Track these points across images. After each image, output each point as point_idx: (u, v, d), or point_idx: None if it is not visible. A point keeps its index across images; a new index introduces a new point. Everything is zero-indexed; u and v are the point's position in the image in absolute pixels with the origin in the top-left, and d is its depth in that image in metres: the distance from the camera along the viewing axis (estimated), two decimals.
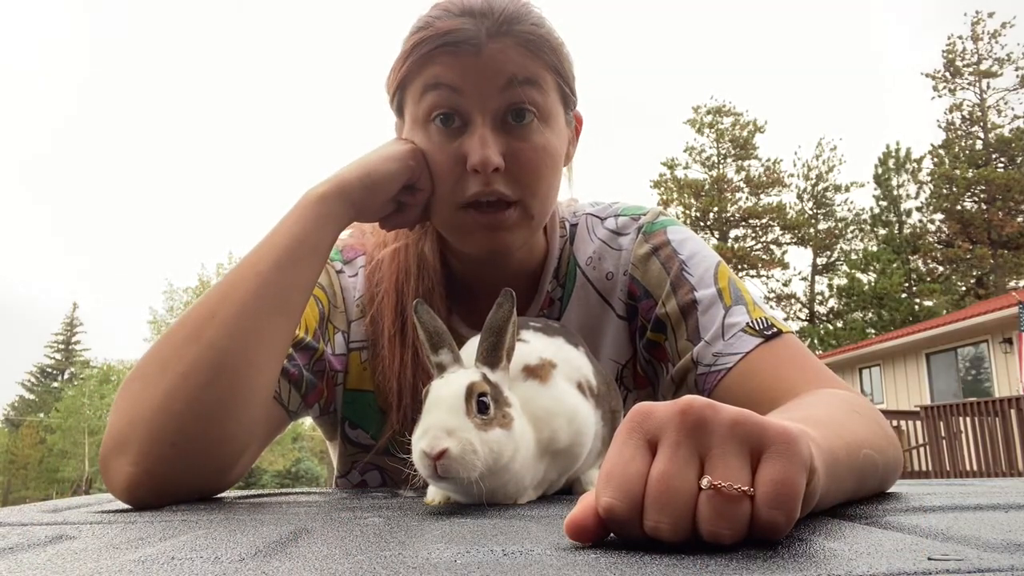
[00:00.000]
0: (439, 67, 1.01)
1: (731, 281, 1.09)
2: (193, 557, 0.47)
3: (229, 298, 0.91)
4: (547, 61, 1.04)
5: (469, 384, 0.73)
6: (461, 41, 0.99)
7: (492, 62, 1.00)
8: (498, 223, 1.04)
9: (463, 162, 1.01)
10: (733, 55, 64.72)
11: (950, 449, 9.81)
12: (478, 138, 1.00)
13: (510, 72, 1.01)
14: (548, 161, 1.06)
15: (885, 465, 0.78)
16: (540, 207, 1.08)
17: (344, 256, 1.21)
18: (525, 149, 1.03)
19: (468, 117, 1.02)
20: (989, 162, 28.62)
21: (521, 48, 1.02)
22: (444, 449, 0.69)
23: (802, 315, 31.47)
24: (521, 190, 1.04)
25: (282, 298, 0.93)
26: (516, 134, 1.03)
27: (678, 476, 0.46)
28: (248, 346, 0.89)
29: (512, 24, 1.01)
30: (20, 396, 44.95)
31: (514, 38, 1.01)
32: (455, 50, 1.00)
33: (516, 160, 1.02)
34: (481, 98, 1.01)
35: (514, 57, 1.01)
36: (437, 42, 1.00)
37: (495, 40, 1.00)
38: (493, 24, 1.00)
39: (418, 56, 1.02)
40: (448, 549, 0.48)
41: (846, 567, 0.40)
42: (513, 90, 1.01)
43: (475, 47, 1.00)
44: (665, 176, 31.88)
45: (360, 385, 1.16)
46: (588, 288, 1.20)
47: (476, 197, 1.02)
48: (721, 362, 1.01)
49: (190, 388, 0.85)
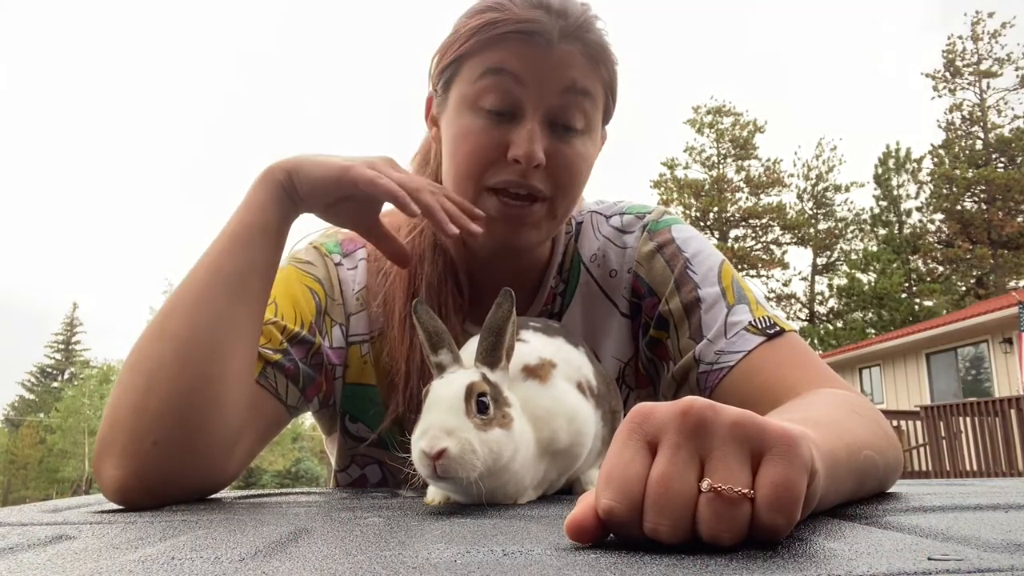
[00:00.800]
0: (506, 53, 1.01)
1: (734, 280, 1.09)
2: (193, 557, 0.47)
3: (186, 291, 0.92)
4: (603, 76, 1.06)
5: (469, 384, 0.73)
6: (536, 32, 0.99)
7: (560, 62, 1.01)
8: (523, 217, 1.05)
9: (504, 149, 1.02)
10: (733, 55, 64.75)
11: (950, 449, 9.80)
12: (527, 131, 1.00)
13: (573, 77, 1.02)
14: (584, 168, 1.07)
15: (885, 466, 0.78)
16: (565, 209, 1.09)
17: (343, 249, 1.20)
18: (568, 153, 1.04)
19: (521, 109, 1.02)
20: (989, 162, 28.62)
21: (587, 57, 1.03)
22: (443, 449, 0.69)
23: (802, 315, 31.48)
24: (554, 188, 1.05)
25: (236, 283, 0.93)
26: (561, 137, 1.04)
27: (678, 478, 0.46)
28: (210, 334, 0.89)
29: (584, 31, 1.02)
30: (20, 396, 44.97)
31: (583, 45, 1.02)
32: (528, 40, 1.00)
33: (556, 161, 1.03)
34: (540, 94, 1.01)
35: (579, 64, 1.02)
36: (512, 27, 1.00)
37: (566, 42, 1.01)
38: (568, 26, 1.01)
39: (487, 36, 1.01)
40: (448, 549, 0.48)
41: (846, 567, 0.40)
42: (571, 95, 1.02)
43: (547, 43, 1.00)
44: (665, 176, 31.92)
45: (360, 379, 1.16)
46: (592, 285, 1.20)
47: (507, 186, 1.03)
48: (723, 360, 1.01)
49: (161, 383, 0.86)
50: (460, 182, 1.06)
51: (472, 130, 1.03)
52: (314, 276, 1.13)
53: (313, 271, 1.14)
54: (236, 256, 0.94)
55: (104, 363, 41.69)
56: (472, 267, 1.17)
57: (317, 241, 1.21)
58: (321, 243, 1.20)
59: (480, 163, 1.03)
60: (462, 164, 1.05)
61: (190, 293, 0.91)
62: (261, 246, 0.96)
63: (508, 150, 1.01)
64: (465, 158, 1.04)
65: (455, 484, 0.72)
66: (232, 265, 0.93)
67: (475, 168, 1.03)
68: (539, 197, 1.04)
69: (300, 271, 1.13)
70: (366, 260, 1.19)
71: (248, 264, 0.94)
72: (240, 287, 0.93)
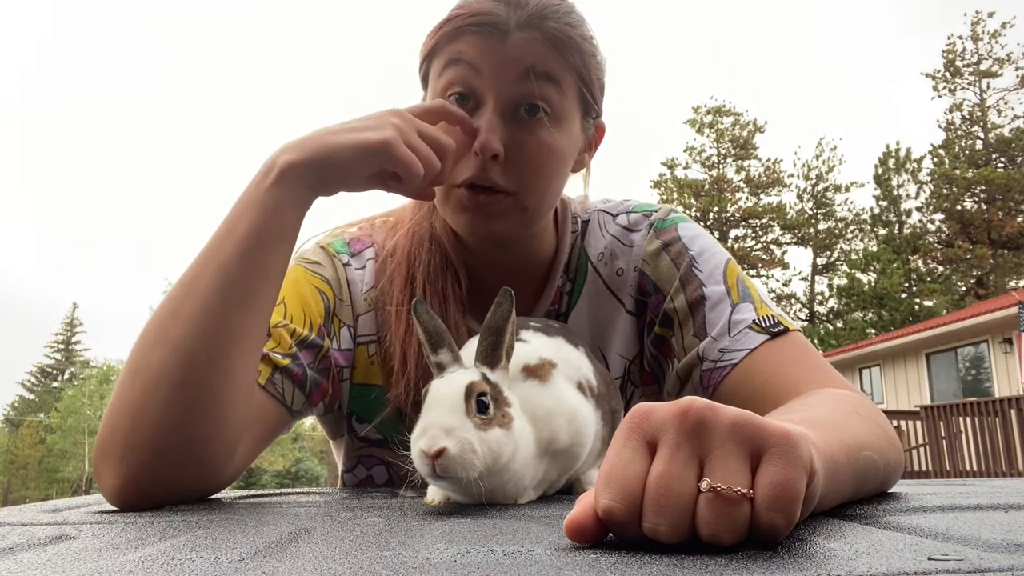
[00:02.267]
0: (463, 44, 1.02)
1: (739, 278, 1.10)
2: (193, 557, 0.47)
3: (191, 293, 0.87)
4: (571, 62, 1.04)
5: (469, 384, 0.73)
6: (488, 23, 1.00)
7: (514, 50, 1.01)
8: (486, 206, 1.04)
9: (470, 144, 1.02)
10: (733, 55, 64.74)
11: (950, 449, 9.80)
12: (485, 121, 1.01)
13: (529, 63, 1.01)
14: (551, 160, 1.05)
15: (886, 467, 0.78)
16: (536, 201, 1.07)
17: (351, 249, 1.19)
18: (529, 142, 1.03)
19: (481, 99, 1.03)
20: (989, 162, 28.63)
21: (547, 43, 1.02)
22: (442, 448, 0.69)
23: (802, 315, 31.48)
24: (518, 182, 1.03)
25: (248, 291, 0.88)
26: (524, 127, 1.03)
27: (677, 478, 0.46)
28: (216, 344, 0.85)
29: (544, 19, 1.02)
30: (20, 396, 44.96)
31: (542, 32, 1.02)
32: (480, 31, 1.01)
33: (518, 152, 1.02)
34: (496, 82, 1.01)
35: (537, 49, 1.02)
36: (467, 20, 1.01)
37: (523, 30, 1.01)
38: (524, 15, 1.01)
39: (447, 30, 1.03)
40: (448, 549, 0.48)
41: (846, 567, 0.40)
42: (529, 82, 1.01)
43: (502, 32, 1.00)
44: (665, 176, 31.92)
45: (368, 380, 1.15)
46: (598, 283, 1.20)
47: (470, 180, 1.02)
48: (726, 358, 1.02)
49: (162, 392, 0.83)
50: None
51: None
52: (323, 277, 1.12)
53: (322, 271, 1.13)
54: (249, 263, 0.88)
55: (104, 363, 41.73)
56: (469, 260, 1.17)
57: (324, 241, 1.20)
58: (328, 243, 1.19)
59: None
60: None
61: (196, 298, 0.86)
62: (276, 252, 0.91)
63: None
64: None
65: (455, 483, 0.72)
66: (244, 273, 0.88)
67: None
68: (501, 191, 1.03)
69: (308, 272, 1.12)
70: (374, 260, 1.18)
71: (261, 272, 0.89)
72: (251, 295, 0.89)
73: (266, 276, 0.90)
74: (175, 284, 0.90)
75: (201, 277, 0.87)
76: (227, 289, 0.87)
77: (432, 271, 1.13)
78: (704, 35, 71.19)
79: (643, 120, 59.06)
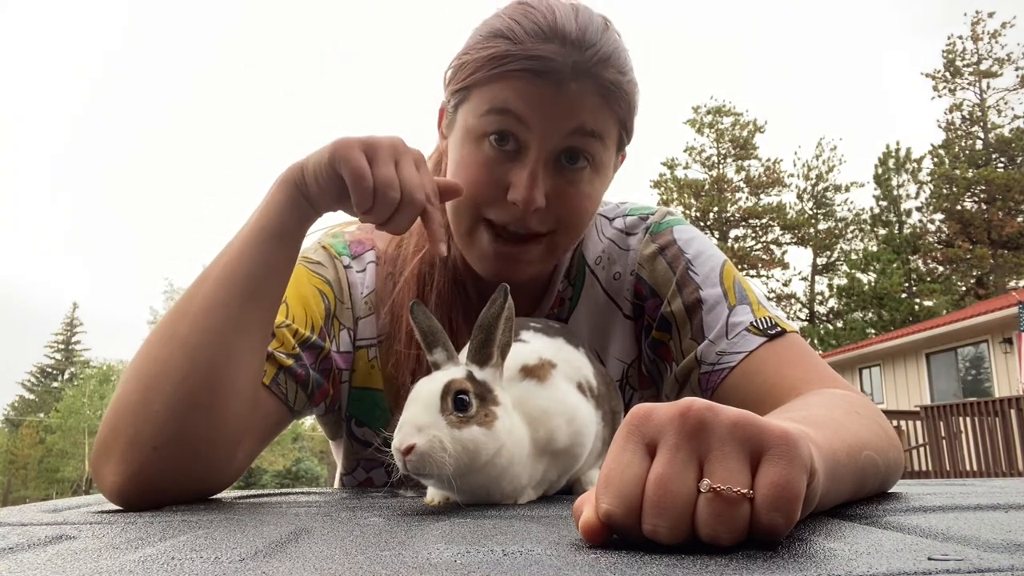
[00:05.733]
0: (513, 92, 0.96)
1: (736, 280, 1.09)
2: (193, 557, 0.47)
3: (199, 293, 0.89)
4: (618, 113, 1.02)
5: (447, 382, 0.73)
6: (544, 71, 0.95)
7: (568, 104, 0.96)
8: (517, 255, 1.03)
9: (504, 188, 0.99)
10: (733, 55, 64.73)
11: (950, 449, 9.80)
12: (529, 174, 0.98)
13: (581, 120, 0.98)
14: (590, 207, 1.05)
15: (886, 466, 0.78)
16: (566, 244, 1.07)
17: (352, 251, 1.19)
18: (571, 194, 1.02)
19: (524, 147, 0.99)
20: (989, 162, 28.63)
21: (599, 96, 0.98)
22: (411, 445, 0.69)
23: (802, 315, 31.48)
24: (555, 225, 1.03)
25: (252, 286, 0.90)
26: (566, 176, 1.01)
27: (676, 479, 0.46)
28: (222, 339, 0.87)
29: (599, 67, 0.97)
30: (20, 396, 44.95)
31: (596, 83, 0.97)
32: (534, 79, 0.95)
33: (559, 201, 1.01)
34: (545, 135, 0.98)
35: (589, 105, 0.98)
36: (520, 64, 0.95)
37: (578, 80, 0.96)
38: (581, 60, 0.96)
39: (495, 70, 0.97)
40: (448, 549, 0.48)
41: (846, 567, 0.40)
42: (578, 138, 0.99)
43: (556, 83, 0.95)
44: (665, 176, 31.91)
45: (367, 383, 1.15)
46: (596, 288, 1.20)
47: (505, 224, 1.01)
48: (725, 361, 1.01)
49: (166, 389, 0.84)
50: (458, 210, 1.05)
51: (474, 162, 1.01)
52: (324, 278, 1.12)
53: (323, 272, 1.13)
54: (250, 259, 0.91)
55: (104, 363, 41.75)
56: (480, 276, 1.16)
57: (325, 241, 1.20)
58: (330, 244, 1.19)
59: (478, 198, 1.02)
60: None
61: (202, 296, 0.89)
62: (277, 250, 0.93)
63: (508, 189, 0.99)
64: (464, 189, 1.01)
65: (432, 480, 0.73)
66: (246, 268, 0.90)
67: (473, 201, 1.02)
68: (538, 235, 1.03)
69: (310, 271, 1.12)
70: (375, 263, 1.18)
71: (263, 267, 0.91)
72: (254, 290, 0.90)
73: (269, 273, 0.92)
74: (188, 286, 0.92)
75: (209, 276, 0.90)
76: (231, 285, 0.89)
77: (446, 291, 1.12)
78: (705, 35, 71.23)
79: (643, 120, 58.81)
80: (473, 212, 1.03)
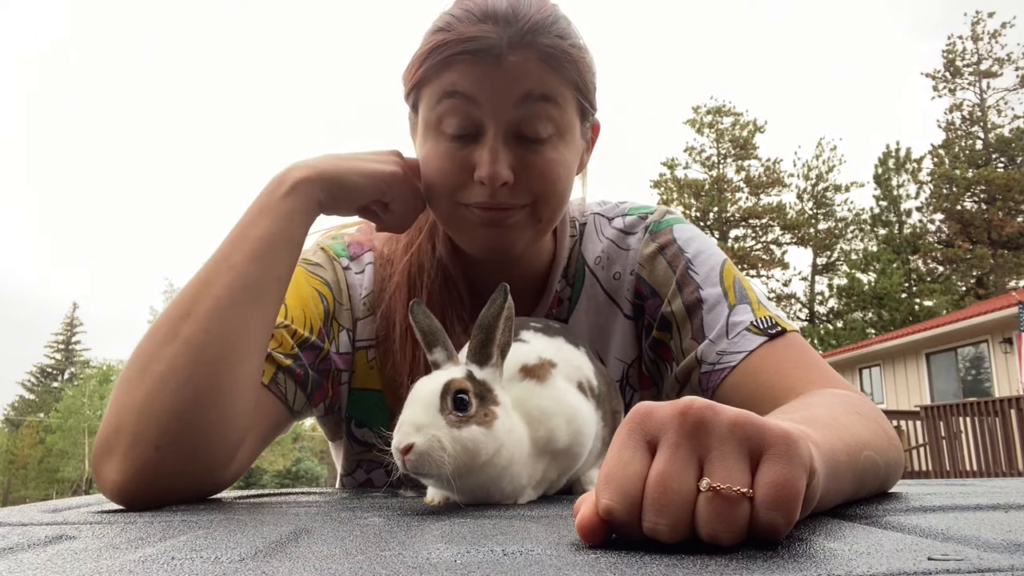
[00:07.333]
0: (456, 74, 0.98)
1: (736, 280, 1.09)
2: (193, 557, 0.47)
3: (204, 293, 0.89)
4: (567, 76, 1.02)
5: (447, 381, 0.73)
6: (481, 50, 0.97)
7: (511, 74, 0.97)
8: (502, 219, 1.03)
9: (471, 170, 1.00)
10: (733, 55, 64.73)
11: (950, 449, 9.80)
12: (489, 151, 0.98)
13: (528, 87, 0.98)
14: (560, 172, 1.04)
15: (886, 466, 0.78)
16: (550, 212, 1.06)
17: (351, 252, 1.19)
18: (537, 162, 1.02)
19: (481, 127, 1.00)
20: (989, 162, 28.63)
21: (542, 62, 0.99)
22: (410, 444, 0.69)
23: (802, 315, 31.49)
24: (531, 196, 1.03)
25: (258, 290, 0.92)
26: (529, 148, 1.01)
27: (677, 477, 0.46)
28: (226, 340, 0.88)
29: (536, 35, 0.98)
30: (20, 396, 44.97)
31: (536, 50, 0.98)
32: (474, 59, 0.97)
33: (527, 172, 1.01)
34: (496, 110, 0.98)
35: (534, 71, 0.98)
36: (457, 48, 0.97)
37: (516, 51, 0.97)
38: (516, 33, 0.97)
39: (437, 60, 0.99)
40: (448, 549, 0.48)
41: (846, 567, 0.40)
42: (529, 105, 0.99)
43: (495, 57, 0.97)
44: (665, 176, 31.91)
45: (367, 384, 1.15)
46: (596, 288, 1.20)
47: (480, 205, 1.02)
48: (725, 360, 1.01)
49: (169, 388, 0.84)
50: (435, 200, 1.06)
51: (437, 154, 1.02)
52: (323, 279, 1.13)
53: (322, 273, 1.14)
54: (261, 264, 0.92)
55: (104, 363, 41.73)
56: (472, 275, 1.17)
57: (324, 243, 1.20)
58: (329, 246, 1.19)
59: (449, 186, 1.03)
60: (433, 185, 1.05)
61: (210, 298, 0.89)
62: (286, 257, 0.96)
63: (475, 171, 1.00)
64: (434, 181, 1.04)
65: (432, 480, 0.73)
66: (257, 274, 0.92)
67: (445, 190, 1.03)
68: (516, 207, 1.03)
69: (309, 273, 1.12)
70: (373, 265, 1.18)
71: (272, 273, 0.94)
72: (261, 295, 0.92)
73: (276, 278, 0.95)
74: (186, 286, 0.92)
75: (215, 278, 0.91)
76: (240, 289, 0.90)
77: (435, 296, 1.12)
78: (704, 35, 71.22)
79: (643, 120, 59.00)
80: (449, 198, 1.04)
